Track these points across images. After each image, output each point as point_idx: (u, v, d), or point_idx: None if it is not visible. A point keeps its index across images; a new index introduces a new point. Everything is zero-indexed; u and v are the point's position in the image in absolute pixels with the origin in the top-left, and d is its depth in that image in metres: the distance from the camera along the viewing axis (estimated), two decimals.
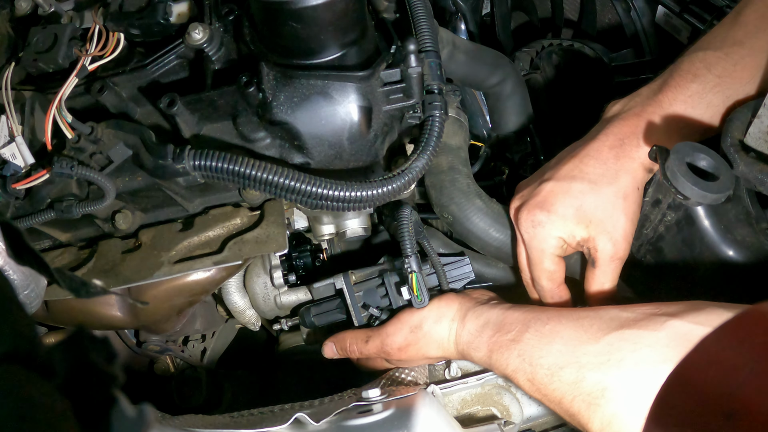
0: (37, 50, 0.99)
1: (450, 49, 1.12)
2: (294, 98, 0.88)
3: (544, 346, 0.80)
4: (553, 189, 0.92)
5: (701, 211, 0.90)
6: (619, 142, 0.90)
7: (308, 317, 1.13)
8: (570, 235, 0.91)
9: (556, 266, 0.94)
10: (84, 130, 0.91)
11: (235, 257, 0.98)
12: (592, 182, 0.90)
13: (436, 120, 0.91)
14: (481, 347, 0.89)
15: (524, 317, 0.86)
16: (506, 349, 0.84)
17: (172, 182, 0.93)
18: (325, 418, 0.83)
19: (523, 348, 0.82)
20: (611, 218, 0.89)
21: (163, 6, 0.97)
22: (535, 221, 0.92)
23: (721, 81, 0.88)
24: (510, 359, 0.83)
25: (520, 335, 0.83)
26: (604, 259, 0.91)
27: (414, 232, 1.00)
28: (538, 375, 0.79)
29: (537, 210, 0.92)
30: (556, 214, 0.91)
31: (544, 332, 0.81)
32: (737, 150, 0.87)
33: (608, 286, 0.94)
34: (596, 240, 0.90)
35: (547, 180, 0.93)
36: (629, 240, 0.92)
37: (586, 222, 0.90)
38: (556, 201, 0.91)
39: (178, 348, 1.32)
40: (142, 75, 0.97)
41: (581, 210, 0.89)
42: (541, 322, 0.83)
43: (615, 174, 0.89)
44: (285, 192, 0.85)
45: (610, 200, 0.89)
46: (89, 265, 1.02)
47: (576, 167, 0.92)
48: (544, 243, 0.92)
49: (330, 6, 0.81)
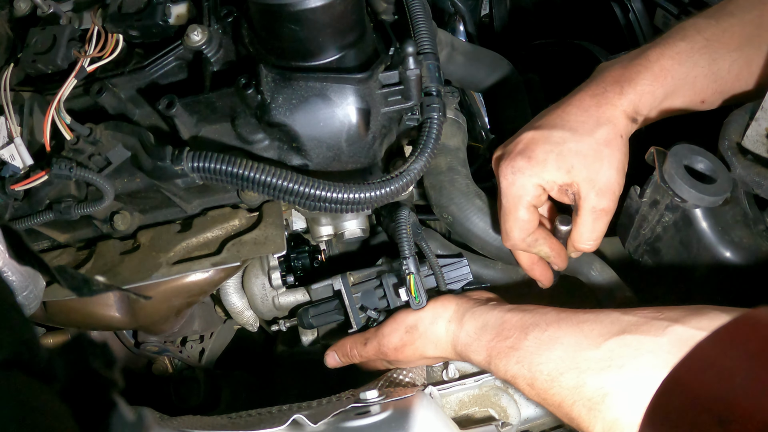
0: (36, 51, 0.99)
1: (448, 50, 1.12)
2: (292, 100, 0.88)
3: (543, 353, 0.79)
4: (534, 137, 0.91)
5: (699, 213, 0.90)
6: (602, 90, 0.90)
7: (306, 318, 1.13)
8: (550, 182, 0.90)
9: (530, 215, 0.93)
10: (83, 132, 0.92)
11: (233, 258, 0.98)
12: (572, 129, 0.89)
13: (435, 122, 0.91)
14: (480, 351, 0.88)
15: (523, 322, 0.84)
16: (505, 355, 0.83)
17: (171, 184, 0.94)
18: (323, 420, 0.83)
19: (522, 355, 0.81)
20: (593, 165, 0.88)
21: (162, 7, 0.97)
22: (515, 167, 0.91)
23: (709, 44, 0.89)
24: (509, 365, 0.83)
25: (519, 342, 0.82)
26: (585, 207, 0.90)
27: (412, 234, 1.00)
28: (538, 381, 0.78)
29: (518, 157, 0.91)
30: (535, 160, 0.89)
31: (543, 339, 0.80)
32: (735, 153, 0.88)
33: (588, 236, 0.92)
34: (579, 185, 0.89)
35: (528, 130, 0.93)
36: (614, 191, 0.90)
37: (567, 167, 0.88)
38: (537, 147, 0.90)
39: (177, 349, 1.32)
40: (141, 76, 0.97)
41: (561, 155, 0.88)
42: (540, 328, 0.81)
43: (596, 121, 0.89)
44: (283, 194, 0.85)
45: (591, 147, 0.88)
46: (88, 266, 1.02)
47: (558, 116, 0.92)
48: (521, 189, 0.91)
49: (328, 8, 0.81)
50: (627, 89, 0.89)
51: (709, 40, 0.89)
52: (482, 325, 0.89)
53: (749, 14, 0.90)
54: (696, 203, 0.87)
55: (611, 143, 0.88)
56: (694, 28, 0.91)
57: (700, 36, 0.90)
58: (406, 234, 1.01)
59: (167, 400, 1.29)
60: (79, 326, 1.15)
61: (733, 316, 0.67)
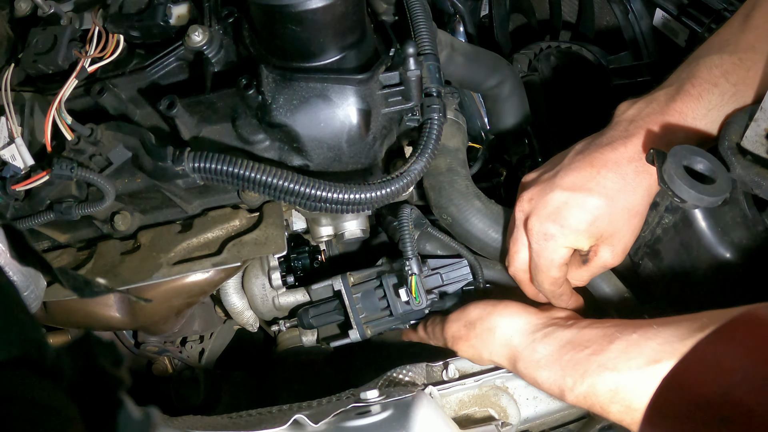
0: (37, 51, 0.99)
1: (448, 51, 1.12)
2: (293, 101, 0.88)
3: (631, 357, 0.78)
4: (568, 201, 0.88)
5: (698, 214, 0.90)
6: (639, 155, 0.87)
7: (306, 318, 1.13)
8: (579, 246, 0.91)
9: (561, 273, 0.93)
10: (83, 132, 0.92)
11: (233, 259, 0.99)
12: (608, 197, 0.87)
13: (435, 123, 0.92)
14: (553, 368, 0.85)
15: (604, 332, 0.83)
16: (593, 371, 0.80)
17: (172, 184, 0.94)
18: (324, 420, 0.83)
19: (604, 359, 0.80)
20: (619, 233, 0.89)
21: (163, 8, 0.97)
22: (548, 234, 0.90)
23: (737, 90, 0.87)
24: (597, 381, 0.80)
25: (601, 348, 0.81)
26: (597, 264, 0.93)
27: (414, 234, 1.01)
28: None
29: (549, 223, 0.89)
30: (569, 229, 0.88)
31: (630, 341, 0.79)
32: (734, 153, 0.87)
33: (584, 280, 0.98)
34: (599, 248, 0.91)
35: (559, 187, 0.90)
36: (627, 252, 0.93)
37: (597, 236, 0.89)
38: (570, 216, 0.88)
39: (177, 349, 1.32)
40: (142, 77, 0.97)
41: (594, 225, 0.88)
42: (626, 333, 0.80)
43: (633, 190, 0.87)
44: (283, 194, 0.85)
45: (623, 216, 0.88)
46: (88, 266, 1.02)
47: (593, 178, 0.88)
48: (554, 254, 0.91)
49: (329, 9, 0.81)
50: None
51: (737, 85, 0.87)
52: (560, 346, 0.87)
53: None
54: (695, 204, 0.87)
55: (641, 212, 0.90)
56: (721, 71, 0.87)
57: (729, 83, 0.86)
58: (409, 234, 1.01)
59: (167, 401, 1.29)
60: (79, 326, 1.15)
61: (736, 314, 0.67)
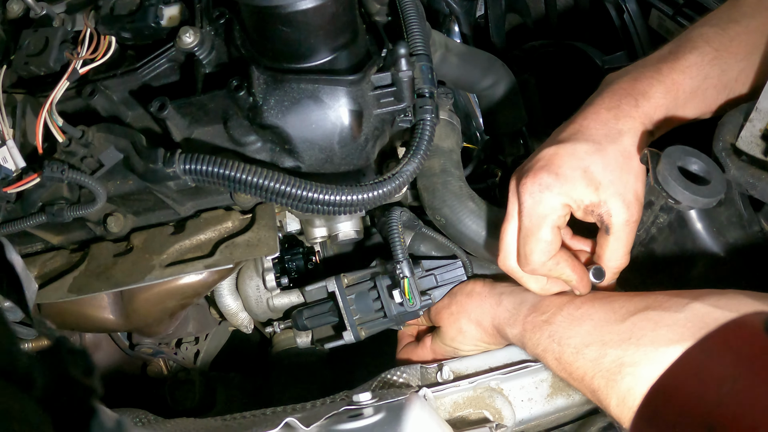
0: (29, 53, 0.98)
1: (443, 51, 1.12)
2: (284, 102, 0.88)
3: (573, 327, 0.82)
4: (557, 152, 0.86)
5: (693, 214, 0.90)
6: (617, 103, 0.88)
7: (301, 320, 1.13)
8: (577, 200, 0.85)
9: (554, 236, 0.87)
10: (75, 134, 0.91)
11: (226, 261, 0.98)
12: (596, 142, 0.85)
13: (427, 124, 0.91)
14: (515, 325, 0.91)
15: (559, 300, 0.88)
16: (539, 329, 0.87)
17: (163, 186, 0.93)
18: (316, 423, 0.83)
19: (554, 329, 0.84)
20: (621, 179, 0.85)
21: (154, 9, 0.96)
22: (542, 184, 0.85)
23: (718, 54, 0.88)
24: (541, 339, 0.86)
25: (553, 317, 0.86)
26: (618, 223, 0.85)
27: (405, 235, 1.00)
28: (565, 354, 0.81)
29: (543, 173, 0.85)
30: (564, 177, 0.84)
31: (576, 315, 0.83)
32: (729, 154, 0.87)
33: (623, 252, 0.89)
34: (608, 203, 0.85)
35: (547, 146, 0.88)
36: (641, 200, 0.87)
37: (595, 184, 0.84)
38: (563, 163, 0.85)
39: (171, 350, 1.32)
40: (133, 78, 0.97)
41: (589, 172, 0.84)
42: (575, 305, 0.85)
43: (618, 133, 0.86)
44: (275, 196, 0.85)
45: (617, 160, 0.85)
46: (81, 268, 1.02)
47: (576, 130, 0.88)
48: (548, 208, 0.85)
49: (320, 10, 0.81)
50: (642, 102, 0.87)
51: (718, 50, 0.88)
52: (520, 302, 0.93)
53: (754, 21, 0.89)
54: (690, 205, 0.86)
55: (633, 155, 0.86)
56: (702, 38, 0.89)
57: (710, 47, 0.88)
58: (399, 237, 1.01)
59: (162, 403, 1.29)
60: (73, 328, 1.15)
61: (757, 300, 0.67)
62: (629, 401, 0.71)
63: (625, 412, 0.72)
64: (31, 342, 1.18)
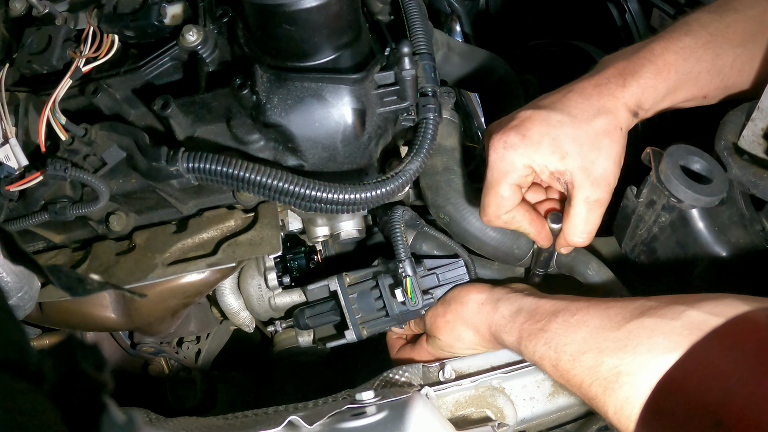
0: (31, 51, 0.99)
1: (445, 50, 1.12)
2: (288, 100, 0.88)
3: (569, 334, 0.82)
4: (531, 116, 0.88)
5: (695, 213, 0.90)
6: (605, 80, 0.89)
7: (302, 319, 1.13)
8: (541, 165, 0.87)
9: (511, 193, 0.89)
10: (78, 132, 0.91)
11: (228, 259, 0.98)
12: (571, 115, 0.87)
13: (430, 122, 0.91)
14: (512, 332, 0.91)
15: (555, 307, 0.87)
16: (535, 336, 0.86)
17: (166, 184, 0.93)
18: (319, 421, 0.83)
19: (550, 336, 0.84)
20: (590, 154, 0.86)
21: (158, 8, 0.96)
22: (507, 142, 0.87)
23: (713, 39, 0.89)
24: (537, 347, 0.85)
25: (549, 324, 0.85)
26: (579, 197, 0.87)
27: (407, 234, 1.00)
28: (561, 361, 0.81)
29: (512, 132, 0.87)
30: (530, 140, 0.86)
31: (572, 322, 0.83)
32: (731, 153, 0.88)
33: (581, 230, 0.89)
34: (573, 174, 0.86)
35: (526, 108, 0.90)
36: (610, 183, 0.87)
37: (561, 153, 0.86)
38: (533, 127, 0.87)
39: (173, 350, 1.32)
40: (136, 77, 0.97)
41: (557, 139, 0.86)
42: (570, 312, 0.84)
43: (597, 110, 0.87)
44: (278, 194, 0.85)
45: (589, 136, 0.86)
46: (83, 267, 1.02)
47: (558, 100, 0.89)
48: (510, 166, 0.88)
49: (324, 8, 0.81)
50: (630, 81, 0.88)
51: (713, 35, 0.89)
52: (517, 309, 0.92)
53: (752, 10, 0.90)
54: (692, 204, 0.87)
55: (610, 134, 0.86)
56: (698, 23, 0.90)
57: (704, 31, 0.89)
58: (401, 236, 1.01)
59: (164, 402, 1.29)
60: (75, 327, 1.15)
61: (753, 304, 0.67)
62: (627, 410, 0.71)
63: (623, 420, 0.72)
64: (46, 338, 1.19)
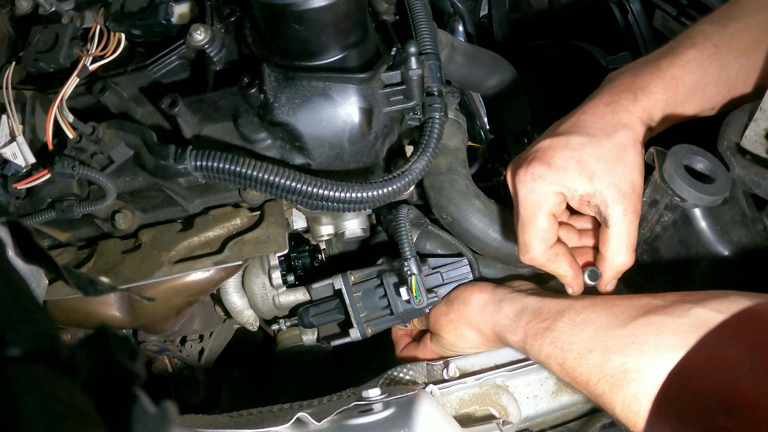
0: (38, 50, 0.99)
1: (448, 51, 1.13)
2: (295, 99, 0.88)
3: (575, 333, 0.82)
4: (552, 144, 0.88)
5: (698, 212, 0.90)
6: (615, 98, 0.89)
7: (307, 318, 1.13)
8: (571, 189, 0.86)
9: (550, 224, 0.88)
10: (85, 130, 0.92)
11: (235, 257, 0.99)
12: (590, 135, 0.86)
13: (436, 122, 0.92)
14: (517, 332, 0.91)
15: (560, 306, 0.87)
16: (540, 336, 0.86)
17: (173, 182, 0.94)
18: (326, 418, 0.84)
19: (556, 335, 0.84)
20: (616, 169, 0.85)
21: (165, 6, 0.97)
22: (534, 174, 0.87)
23: (718, 50, 0.89)
24: (543, 346, 0.85)
25: (554, 323, 0.85)
26: (616, 214, 0.85)
27: (412, 232, 1.01)
28: (568, 360, 0.81)
29: (536, 163, 0.87)
30: (556, 167, 0.86)
31: (578, 321, 0.83)
32: (733, 153, 0.88)
33: (625, 248, 0.88)
34: (604, 193, 0.85)
35: (543, 138, 0.90)
36: (639, 192, 0.87)
37: (589, 174, 0.85)
38: (555, 154, 0.86)
39: (176, 348, 1.32)
40: (144, 75, 0.97)
41: (582, 162, 0.85)
42: (576, 311, 0.84)
43: (613, 127, 0.87)
44: (285, 192, 0.85)
45: (611, 152, 0.85)
46: (89, 265, 1.02)
47: (573, 124, 0.89)
48: (541, 197, 0.87)
49: (332, 8, 0.81)
50: (640, 96, 0.88)
51: (718, 46, 0.89)
52: (521, 309, 0.92)
53: (754, 18, 0.90)
54: (695, 203, 0.87)
55: (632, 147, 0.86)
56: (702, 35, 0.90)
57: (709, 43, 0.89)
58: (406, 234, 1.01)
59: None
60: (79, 325, 1.15)
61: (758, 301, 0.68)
62: (634, 407, 0.72)
63: (631, 417, 0.73)
64: None
